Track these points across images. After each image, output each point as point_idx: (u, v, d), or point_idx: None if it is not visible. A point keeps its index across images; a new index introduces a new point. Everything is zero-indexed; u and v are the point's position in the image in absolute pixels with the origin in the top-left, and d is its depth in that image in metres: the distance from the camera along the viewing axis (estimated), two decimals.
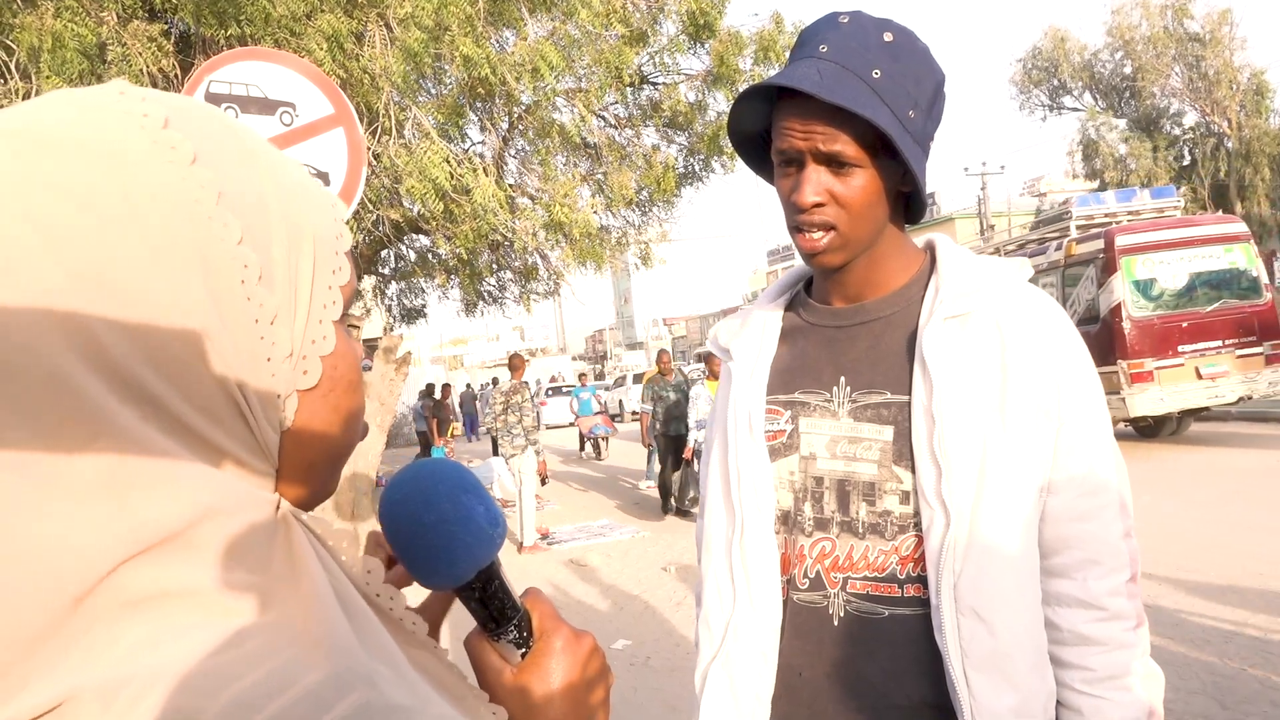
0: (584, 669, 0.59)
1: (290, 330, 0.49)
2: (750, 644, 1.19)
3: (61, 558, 0.39)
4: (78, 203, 0.42)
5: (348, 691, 0.41)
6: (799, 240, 1.15)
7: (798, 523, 1.19)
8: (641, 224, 9.29)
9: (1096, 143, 30.09)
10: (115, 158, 0.44)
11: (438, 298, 10.95)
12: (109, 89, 0.47)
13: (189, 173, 0.45)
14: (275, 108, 3.12)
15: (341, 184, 3.19)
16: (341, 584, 0.50)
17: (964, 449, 1.07)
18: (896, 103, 1.06)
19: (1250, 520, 6.60)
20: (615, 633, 5.50)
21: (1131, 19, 29.41)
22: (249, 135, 0.51)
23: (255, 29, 4.96)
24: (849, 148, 1.07)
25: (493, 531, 0.57)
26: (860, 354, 1.19)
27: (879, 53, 1.07)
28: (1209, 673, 4.01)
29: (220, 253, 0.45)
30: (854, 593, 1.14)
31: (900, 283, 1.20)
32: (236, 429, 0.47)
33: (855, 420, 1.17)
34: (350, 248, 0.55)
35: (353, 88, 5.42)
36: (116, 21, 5.03)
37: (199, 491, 0.43)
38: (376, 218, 6.28)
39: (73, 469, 0.40)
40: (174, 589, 0.41)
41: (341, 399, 0.53)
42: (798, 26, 7.72)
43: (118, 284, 0.42)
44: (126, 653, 0.39)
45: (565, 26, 6.59)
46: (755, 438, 1.20)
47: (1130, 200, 12.38)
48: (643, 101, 8.42)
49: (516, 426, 8.79)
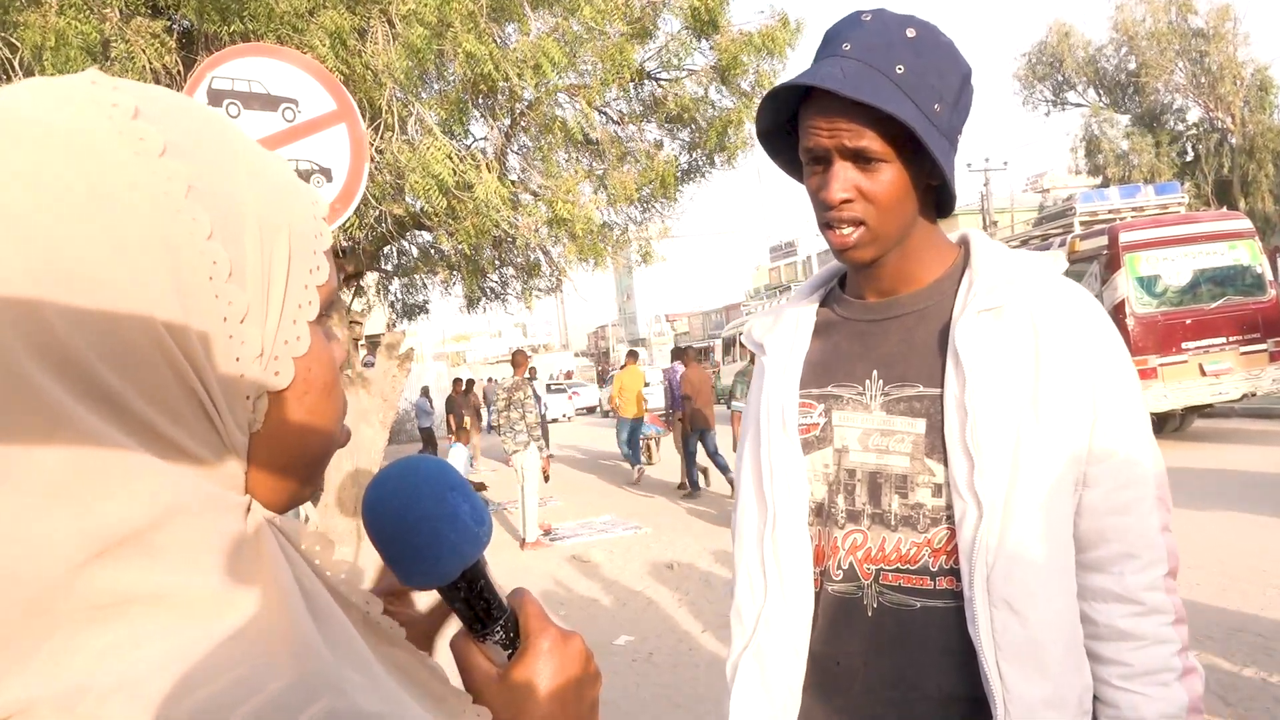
0: (572, 670, 0.58)
1: (261, 329, 0.47)
2: (782, 635, 1.19)
3: (19, 561, 0.38)
4: (37, 190, 0.41)
5: (314, 698, 0.40)
6: (830, 236, 1.16)
7: (831, 515, 1.20)
8: (643, 220, 9.28)
9: (1100, 139, 30.02)
10: (80, 146, 0.42)
11: (440, 294, 10.94)
12: (81, 78, 0.47)
13: (157, 164, 0.44)
14: (278, 104, 3.12)
15: (344, 180, 3.19)
16: (312, 588, 0.48)
17: (996, 441, 1.07)
18: (921, 97, 1.07)
19: (1253, 517, 6.59)
20: (617, 629, 5.50)
21: (1135, 14, 29.31)
22: (228, 130, 0.50)
23: (258, 25, 4.96)
24: (875, 143, 1.08)
25: (478, 530, 0.56)
26: (893, 347, 1.20)
27: (902, 48, 1.08)
28: (1211, 670, 4.01)
29: (188, 247, 0.44)
30: (886, 584, 1.15)
31: (933, 276, 1.21)
32: (201, 430, 0.45)
33: (888, 413, 1.17)
34: (330, 247, 0.53)
35: (355, 84, 5.42)
36: (119, 18, 5.03)
37: (160, 492, 0.42)
38: (379, 214, 6.28)
39: (29, 467, 0.39)
40: (136, 593, 0.40)
41: (316, 402, 0.51)
42: (800, 24, 7.70)
43: (77, 275, 0.41)
44: (87, 661, 0.38)
45: (568, 23, 6.58)
46: (789, 431, 1.21)
47: (1134, 196, 12.36)
48: (645, 97, 8.40)
49: (519, 423, 8.79)
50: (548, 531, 9.20)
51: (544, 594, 6.61)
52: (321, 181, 3.17)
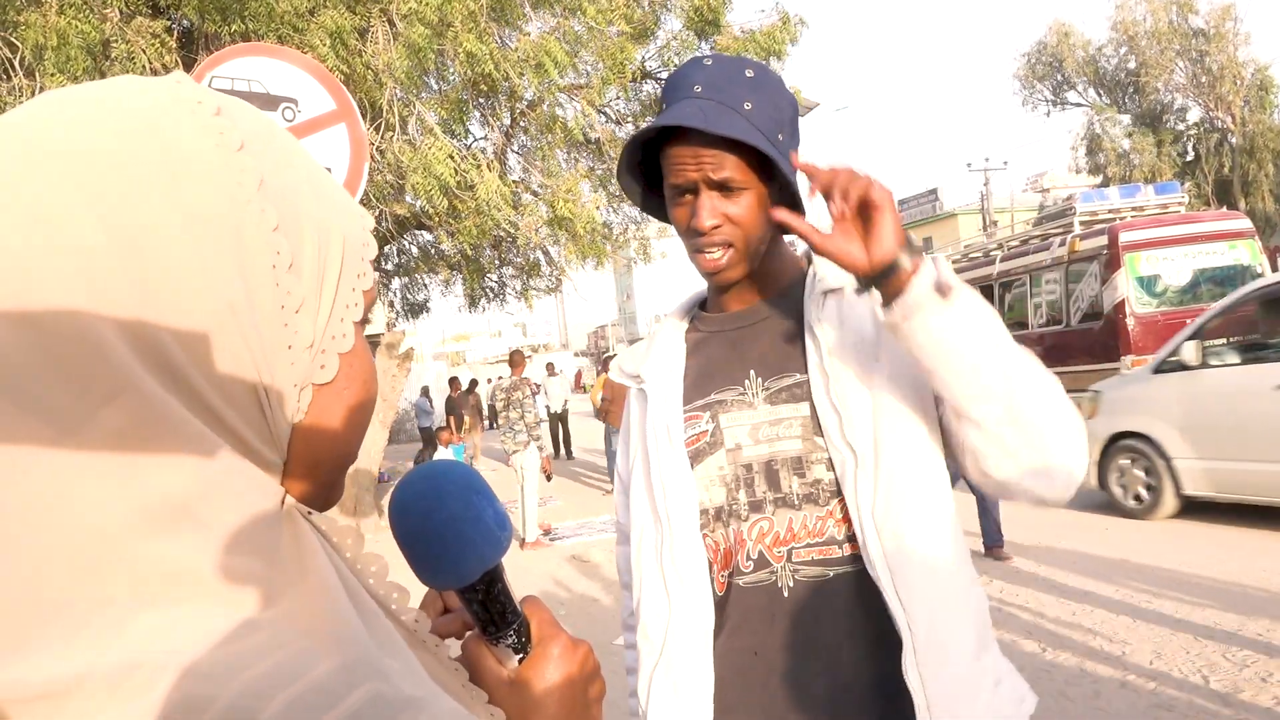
0: (580, 676, 0.60)
1: (313, 322, 0.49)
2: (688, 643, 1.25)
3: (69, 529, 0.39)
4: (124, 168, 0.43)
5: (359, 682, 0.41)
6: (700, 261, 1.27)
7: (734, 512, 1.26)
8: (643, 219, 9.28)
9: (1100, 138, 30.05)
10: (166, 134, 0.45)
11: (440, 293, 10.95)
12: (168, 79, 0.50)
13: (234, 158, 0.47)
14: (277, 103, 3.12)
15: (344, 179, 3.19)
16: (348, 579, 0.50)
17: (856, 393, 1.19)
18: (767, 128, 1.20)
19: (1253, 516, 6.59)
20: (616, 630, 5.48)
21: (1135, 14, 29.34)
22: (291, 140, 0.53)
23: (258, 25, 4.96)
24: (736, 172, 1.20)
25: (500, 534, 0.58)
26: (764, 346, 1.30)
27: (745, 87, 1.21)
28: (1212, 670, 4.01)
29: (255, 235, 0.46)
30: (800, 561, 1.21)
31: (787, 281, 1.34)
32: (251, 414, 0.47)
33: (772, 405, 1.26)
34: (375, 256, 0.56)
35: (356, 84, 5.42)
36: (120, 18, 5.04)
37: (208, 467, 0.43)
38: (379, 213, 6.28)
39: (89, 428, 0.40)
40: (185, 568, 0.41)
41: (355, 397, 0.53)
42: (802, 22, 7.71)
43: (153, 250, 0.43)
44: (139, 637, 0.39)
45: (569, 22, 6.58)
46: (674, 445, 1.28)
47: (1134, 196, 12.36)
48: (644, 96, 8.40)
49: (519, 423, 8.79)
50: (548, 531, 9.21)
51: (544, 594, 6.58)
52: None
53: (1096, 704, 3.83)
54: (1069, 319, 10.96)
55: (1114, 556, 6.02)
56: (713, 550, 1.27)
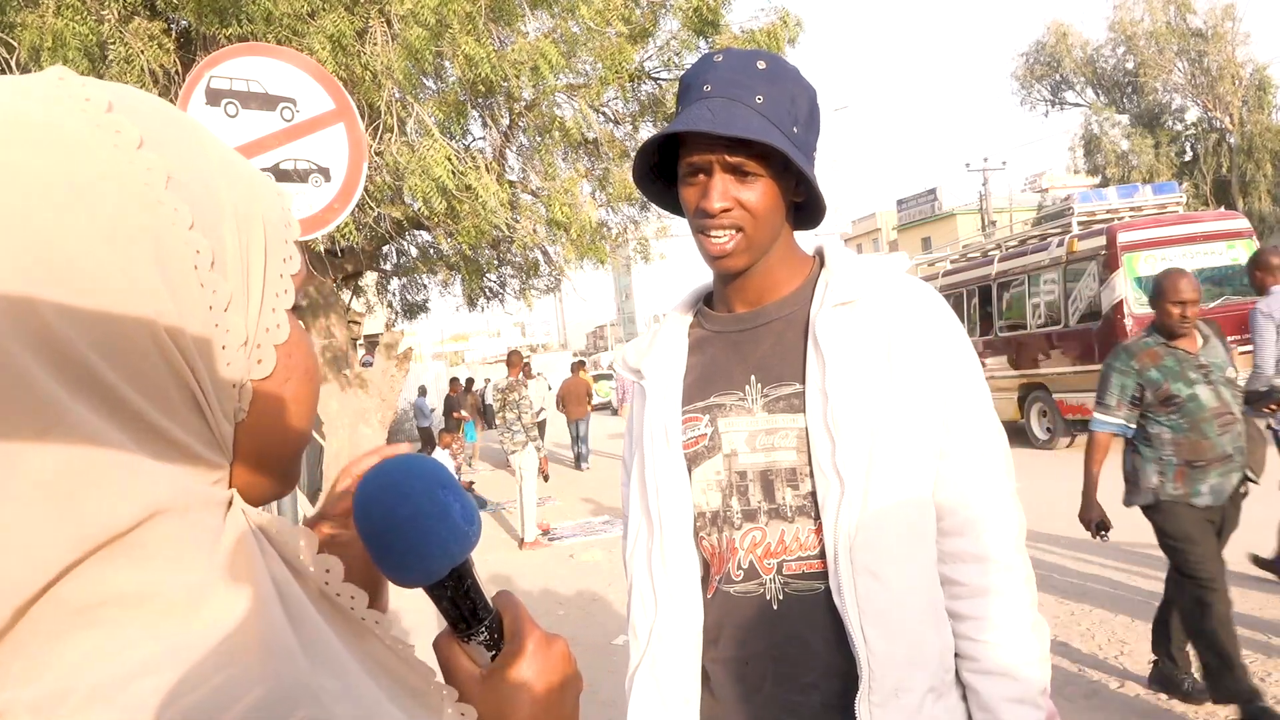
0: (555, 672, 0.58)
1: (244, 318, 0.47)
2: (673, 646, 1.25)
3: (7, 564, 0.38)
4: (19, 185, 0.40)
5: (292, 709, 0.39)
6: (705, 244, 1.23)
7: (727, 518, 1.25)
8: (641, 219, 9.28)
9: (1099, 138, 30.04)
10: (58, 141, 0.42)
11: (439, 293, 10.94)
12: (48, 75, 0.46)
13: (136, 156, 0.44)
14: (276, 103, 3.12)
15: (343, 179, 3.19)
16: (287, 589, 0.48)
17: (855, 421, 1.15)
18: (781, 121, 1.18)
19: (1252, 515, 6.59)
20: (616, 629, 5.50)
21: (1134, 14, 29.33)
22: (193, 123, 0.50)
23: (257, 27, 4.95)
24: (749, 163, 1.18)
25: (468, 529, 0.56)
26: (766, 352, 1.27)
27: (757, 79, 1.18)
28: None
29: (172, 237, 0.44)
30: (790, 575, 1.20)
31: (796, 283, 1.30)
32: (191, 420, 0.45)
33: (770, 413, 1.24)
34: (298, 237, 0.53)
35: (354, 85, 5.41)
36: (117, 19, 5.03)
37: (150, 489, 0.42)
38: (378, 215, 6.28)
39: (23, 465, 0.38)
40: (119, 594, 0.40)
41: (297, 388, 0.51)
42: (802, 22, 7.71)
43: (68, 269, 0.40)
44: (70, 665, 0.38)
45: (567, 23, 6.58)
46: (672, 447, 1.27)
47: (1132, 196, 12.36)
48: (643, 97, 8.40)
49: (516, 424, 8.79)
50: (546, 531, 9.19)
51: (543, 594, 6.60)
52: (320, 181, 3.17)
53: (1094, 703, 3.83)
54: (1067, 319, 10.97)
55: (1113, 554, 6.02)
56: (708, 552, 1.27)
